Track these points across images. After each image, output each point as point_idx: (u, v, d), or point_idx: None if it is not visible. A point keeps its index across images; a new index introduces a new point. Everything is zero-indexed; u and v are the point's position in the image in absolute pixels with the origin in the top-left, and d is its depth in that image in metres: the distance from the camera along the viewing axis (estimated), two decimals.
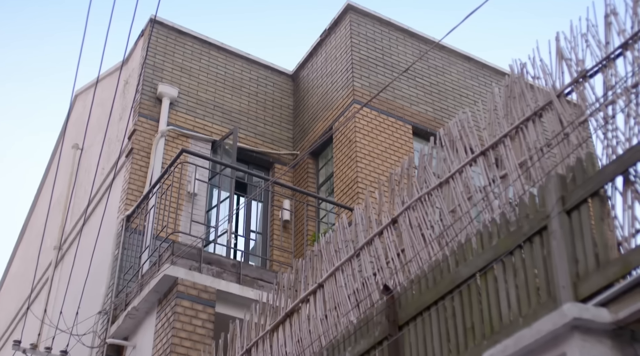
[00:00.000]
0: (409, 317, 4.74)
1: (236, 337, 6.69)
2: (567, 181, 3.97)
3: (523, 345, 3.45)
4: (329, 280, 5.71)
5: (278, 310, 6.22)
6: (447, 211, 4.86)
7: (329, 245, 5.85)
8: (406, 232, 5.10)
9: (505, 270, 4.18)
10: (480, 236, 4.43)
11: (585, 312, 3.31)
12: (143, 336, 8.85)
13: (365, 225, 5.53)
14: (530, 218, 4.11)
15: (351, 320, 5.32)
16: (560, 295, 3.71)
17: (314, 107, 11.89)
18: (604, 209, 3.76)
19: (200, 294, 8.45)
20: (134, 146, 10.74)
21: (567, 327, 3.31)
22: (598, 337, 3.33)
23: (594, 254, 3.68)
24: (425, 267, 4.79)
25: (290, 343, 5.92)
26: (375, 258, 5.30)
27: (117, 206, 10.61)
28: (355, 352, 5.08)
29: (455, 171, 4.91)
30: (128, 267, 9.72)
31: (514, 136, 4.64)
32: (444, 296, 4.53)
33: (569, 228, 3.87)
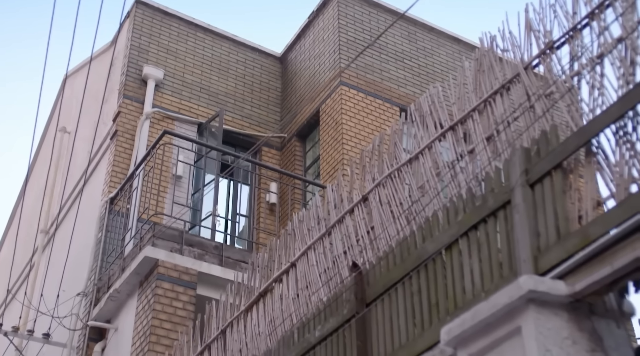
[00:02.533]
0: (377, 294, 4.67)
1: (212, 318, 6.63)
2: (531, 154, 3.89)
3: (480, 318, 3.38)
4: (302, 259, 5.64)
5: (252, 290, 6.16)
6: (415, 187, 4.78)
7: (302, 224, 5.78)
8: (376, 209, 5.03)
9: (470, 245, 4.11)
10: (446, 211, 4.36)
11: (541, 285, 3.23)
12: (125, 318, 8.79)
13: (337, 203, 5.45)
14: (495, 192, 4.03)
15: (321, 299, 5.25)
16: (521, 268, 3.63)
17: (301, 89, 11.80)
18: (566, 181, 3.68)
19: (182, 276, 8.39)
20: (119, 128, 10.66)
21: (522, 300, 3.23)
22: (554, 310, 3.25)
23: (555, 227, 3.60)
24: (394, 243, 4.72)
25: (263, 323, 5.86)
26: (346, 236, 5.23)
27: (101, 189, 10.53)
28: (324, 330, 5.01)
29: (425, 147, 4.83)
30: (111, 249, 9.66)
31: (483, 110, 4.56)
32: (410, 273, 4.46)
33: (531, 202, 3.79)
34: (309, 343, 5.12)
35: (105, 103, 11.61)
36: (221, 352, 6.34)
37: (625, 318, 3.35)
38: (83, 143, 12.10)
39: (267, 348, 5.63)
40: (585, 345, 3.21)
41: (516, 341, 3.24)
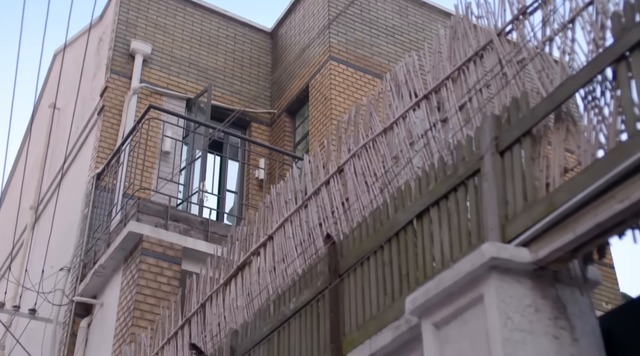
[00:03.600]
0: (350, 265, 4.62)
1: (192, 292, 6.58)
2: (501, 121, 3.82)
3: (443, 287, 3.32)
4: (279, 231, 5.59)
5: (231, 264, 6.11)
6: (389, 157, 4.71)
7: (279, 196, 5.72)
8: (351, 180, 4.96)
9: (440, 214, 4.04)
10: (418, 181, 4.29)
11: (504, 252, 3.17)
12: (110, 294, 8.76)
13: (313, 175, 5.39)
14: (466, 161, 3.96)
15: (297, 271, 5.20)
16: (488, 237, 3.57)
17: (291, 65, 11.70)
18: (535, 148, 3.61)
19: (166, 251, 8.35)
20: (106, 103, 10.58)
21: (484, 267, 3.17)
22: (517, 277, 3.19)
23: (522, 195, 3.54)
24: (367, 214, 4.66)
25: (241, 296, 5.81)
26: (322, 208, 5.17)
27: (88, 165, 10.47)
28: (298, 302, 4.96)
29: (399, 116, 4.75)
30: (98, 225, 9.61)
31: (456, 78, 4.48)
32: (382, 244, 4.40)
33: (501, 170, 3.72)
34: (284, 315, 5.08)
35: (94, 78, 11.55)
36: (200, 326, 6.30)
37: (589, 285, 3.29)
38: (71, 119, 12.03)
39: (244, 321, 5.59)
40: (548, 313, 3.16)
41: (479, 309, 3.18)
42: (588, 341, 3.16)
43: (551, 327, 3.13)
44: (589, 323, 3.22)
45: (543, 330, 3.11)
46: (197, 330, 6.33)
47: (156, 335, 7.03)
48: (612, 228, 2.98)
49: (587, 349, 3.14)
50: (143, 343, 7.22)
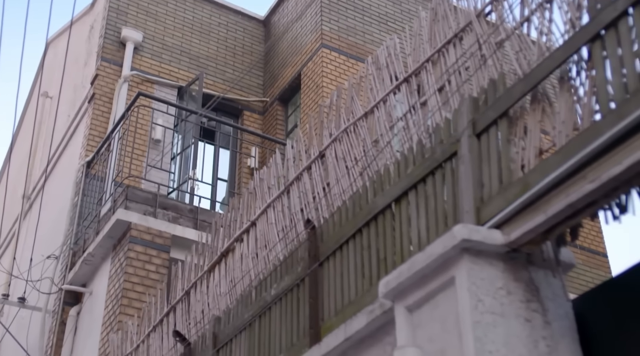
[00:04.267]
0: (329, 251, 4.57)
1: (178, 279, 6.55)
2: (479, 103, 3.77)
3: (416, 269, 3.27)
4: (261, 217, 5.54)
5: (215, 250, 6.07)
6: (370, 141, 4.66)
7: (262, 182, 5.67)
8: (332, 165, 4.91)
9: (418, 198, 3.99)
10: (397, 165, 4.24)
11: (476, 234, 3.12)
12: (99, 282, 8.73)
13: (296, 160, 5.34)
14: (443, 144, 3.91)
15: (279, 257, 5.16)
16: (464, 220, 3.52)
17: (283, 53, 11.64)
18: (512, 130, 3.55)
19: (155, 239, 8.31)
20: (96, 91, 10.52)
21: (456, 250, 3.12)
22: (490, 260, 3.14)
23: (498, 177, 3.49)
24: (347, 199, 4.61)
25: (224, 283, 5.77)
26: (303, 193, 5.12)
27: (79, 153, 10.43)
28: (279, 288, 4.92)
29: (380, 100, 4.70)
30: (87, 213, 9.57)
31: (436, 61, 4.42)
32: (362, 228, 4.35)
33: (477, 152, 3.66)
34: (265, 301, 5.04)
35: (85, 66, 11.49)
36: (185, 313, 6.26)
37: (563, 268, 3.24)
38: (64, 107, 11.98)
39: (227, 308, 5.55)
40: (520, 295, 3.11)
41: (450, 292, 3.14)
42: (560, 324, 3.12)
43: (523, 310, 3.08)
44: (562, 306, 3.18)
45: (515, 312, 3.06)
46: (182, 317, 6.30)
47: (142, 322, 6.99)
48: (583, 209, 2.93)
49: (560, 332, 3.10)
50: (129, 330, 7.18)
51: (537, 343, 3.03)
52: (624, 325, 3.00)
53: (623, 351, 2.96)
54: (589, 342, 3.10)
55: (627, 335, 2.96)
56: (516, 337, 3.00)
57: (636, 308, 2.97)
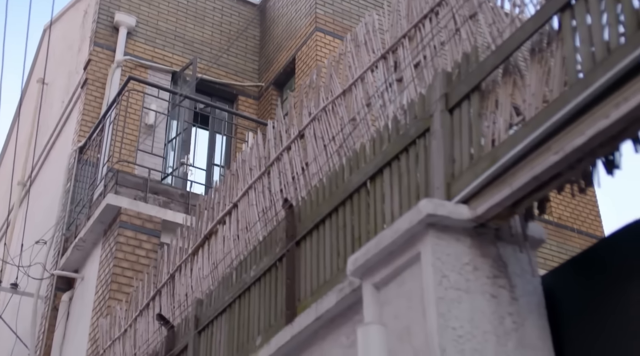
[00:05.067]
0: (306, 230, 4.51)
1: (163, 263, 6.50)
2: (452, 78, 3.69)
3: (382, 246, 3.20)
4: (243, 199, 5.48)
5: (199, 233, 6.01)
6: (347, 119, 4.59)
7: (244, 163, 5.61)
8: (311, 144, 4.84)
9: (392, 175, 3.92)
10: (372, 142, 4.17)
11: (441, 209, 3.05)
12: (90, 267, 8.70)
13: (276, 141, 5.27)
14: (417, 120, 3.84)
15: (259, 238, 5.10)
16: (434, 196, 3.45)
17: (278, 37, 11.55)
18: (484, 104, 3.47)
19: (145, 224, 8.26)
20: (89, 77, 10.46)
21: (422, 225, 3.05)
22: (456, 235, 3.07)
23: (468, 152, 3.41)
24: (324, 178, 4.54)
25: (207, 266, 5.72)
26: (283, 174, 5.05)
27: (72, 139, 10.38)
28: (258, 270, 4.86)
29: (357, 77, 4.62)
30: (80, 199, 9.52)
31: (413, 36, 4.34)
32: (338, 207, 4.28)
33: (449, 127, 3.59)
34: (244, 283, 4.98)
35: (79, 52, 11.43)
36: (170, 296, 6.22)
37: (533, 244, 3.17)
38: (59, 93, 11.94)
39: (209, 290, 5.50)
40: (487, 271, 3.04)
41: (416, 268, 3.07)
42: (528, 300, 3.05)
43: (489, 286, 3.01)
44: (531, 282, 3.11)
45: (480, 288, 2.99)
46: (167, 301, 6.25)
47: (130, 307, 6.95)
48: (549, 181, 2.85)
49: (527, 308, 3.03)
50: (118, 315, 7.15)
51: (503, 320, 2.96)
52: (593, 299, 2.93)
53: (592, 326, 2.89)
54: (557, 318, 3.03)
55: (596, 309, 2.89)
56: (481, 313, 2.94)
57: (604, 282, 2.90)
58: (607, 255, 2.93)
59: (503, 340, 2.92)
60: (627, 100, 2.53)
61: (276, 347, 3.95)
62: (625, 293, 2.79)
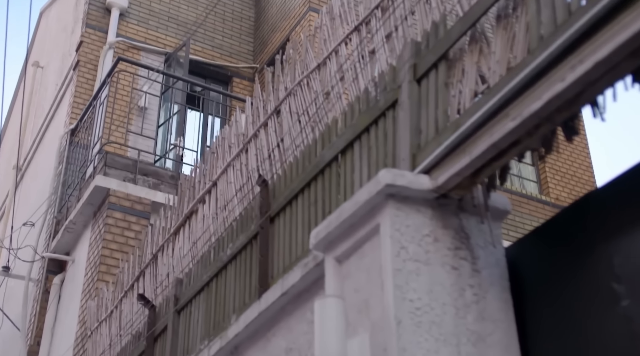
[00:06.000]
0: (280, 207, 4.43)
1: (147, 243, 6.44)
2: (421, 47, 3.59)
3: (343, 218, 3.12)
4: (222, 177, 5.40)
5: (180, 212, 5.95)
6: (321, 93, 4.50)
7: (224, 141, 5.53)
8: (286, 120, 4.76)
9: (362, 149, 3.84)
10: (344, 116, 4.09)
11: (400, 178, 2.96)
12: (81, 249, 8.65)
13: (254, 117, 5.19)
14: (387, 91, 3.75)
15: (236, 216, 5.03)
16: (400, 168, 3.36)
17: (273, 18, 11.44)
18: (451, 73, 3.38)
19: (134, 205, 8.20)
20: (81, 59, 10.39)
21: (381, 196, 2.97)
22: (417, 206, 2.99)
23: (434, 123, 3.32)
24: (298, 153, 4.47)
25: (187, 245, 5.66)
26: (260, 151, 4.98)
27: (64, 121, 10.32)
28: (234, 248, 4.80)
29: (332, 51, 4.53)
30: (71, 182, 9.47)
31: (386, 7, 4.24)
32: (310, 182, 4.21)
33: (417, 98, 3.50)
34: (221, 261, 4.92)
35: (72, 34, 11.36)
36: (153, 277, 6.16)
37: (497, 214, 3.08)
38: (54, 76, 11.88)
39: (189, 270, 5.44)
40: (448, 243, 2.95)
41: (375, 240, 2.99)
42: (490, 272, 2.97)
43: (450, 257, 2.93)
44: (494, 254, 3.02)
45: (441, 260, 2.91)
46: (150, 281, 6.20)
47: (116, 288, 6.91)
48: (507, 149, 2.76)
49: (489, 280, 2.94)
50: (105, 297, 7.10)
51: (464, 292, 2.88)
52: (555, 270, 2.84)
53: (554, 298, 2.81)
54: (520, 290, 2.95)
55: (558, 281, 2.81)
56: (440, 285, 2.86)
57: (566, 253, 2.81)
58: (569, 225, 2.84)
59: (462, 312, 2.84)
60: (582, 62, 2.44)
61: (244, 324, 3.88)
62: (585, 263, 2.70)
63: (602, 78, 2.44)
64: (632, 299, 2.49)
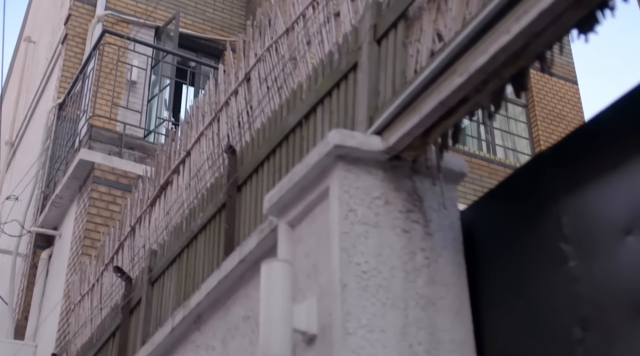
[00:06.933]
0: (247, 175, 4.35)
1: (126, 216, 6.37)
2: (382, 7, 3.49)
3: (295, 181, 3.03)
4: (195, 147, 5.32)
5: (157, 183, 5.87)
6: (289, 59, 4.40)
7: (198, 110, 5.44)
8: (255, 86, 4.66)
9: (324, 113, 3.75)
10: (308, 80, 3.99)
11: (350, 139, 2.87)
12: (67, 224, 8.60)
13: (226, 85, 5.09)
14: (349, 53, 3.65)
15: (207, 186, 4.95)
16: (358, 130, 3.27)
17: None
18: (409, 32, 3.27)
19: (119, 179, 8.14)
20: (69, 32, 10.28)
21: (330, 157, 2.87)
22: (368, 168, 2.89)
23: (392, 83, 3.22)
24: (266, 120, 4.38)
25: (162, 216, 5.58)
26: (230, 119, 4.88)
27: (52, 95, 10.24)
28: (204, 217, 4.72)
29: (300, 14, 4.42)
30: (58, 156, 9.41)
31: None
32: (275, 149, 4.12)
33: (376, 59, 3.40)
34: (192, 232, 4.85)
35: (62, 8, 11.25)
36: (131, 249, 6.10)
37: (453, 176, 2.99)
38: (44, 51, 11.79)
39: (163, 241, 5.37)
40: (399, 205, 2.86)
41: (325, 203, 2.90)
42: (443, 235, 2.88)
43: (401, 220, 2.84)
44: (448, 217, 2.93)
45: (391, 223, 2.82)
46: (129, 254, 6.14)
47: (98, 261, 6.85)
48: (457, 106, 2.66)
49: (442, 243, 2.85)
50: (87, 270, 7.05)
51: (414, 255, 2.80)
52: (509, 232, 2.76)
53: (508, 260, 2.72)
54: (474, 253, 2.86)
55: (511, 243, 2.72)
56: (390, 249, 2.77)
57: (519, 214, 2.72)
58: (522, 185, 2.75)
59: (412, 276, 2.75)
60: (527, 13, 2.33)
61: (205, 292, 3.81)
62: (536, 224, 2.61)
63: (547, 29, 2.33)
64: (579, 260, 2.40)
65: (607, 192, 2.38)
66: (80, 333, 6.75)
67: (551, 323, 2.45)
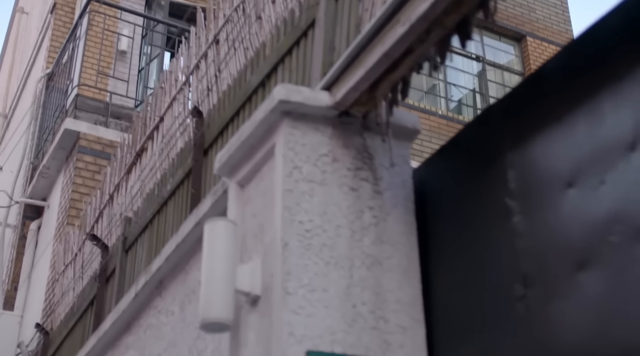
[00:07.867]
0: (213, 138, 4.26)
1: (105, 184, 6.30)
2: None
3: (243, 139, 2.93)
4: (168, 112, 5.22)
5: (133, 150, 5.79)
6: (254, 18, 4.28)
7: (171, 74, 5.34)
8: (223, 48, 4.56)
9: (284, 72, 3.65)
10: (271, 39, 3.88)
11: (295, 94, 2.76)
12: (55, 195, 8.55)
13: (196, 49, 4.98)
14: (308, 10, 3.54)
15: (177, 151, 4.86)
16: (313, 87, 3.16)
17: None
18: None
19: (105, 149, 8.06)
20: (58, 1, 10.16)
21: (276, 113, 2.77)
22: (315, 125, 2.79)
23: (347, 38, 3.11)
24: (232, 82, 4.28)
25: (137, 184, 5.51)
26: (200, 82, 4.78)
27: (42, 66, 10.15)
28: (174, 183, 4.64)
29: None
30: (46, 126, 9.33)
31: None
32: (239, 110, 4.03)
33: (333, 14, 3.29)
34: (162, 197, 4.77)
35: None
36: (110, 218, 6.03)
37: (405, 133, 2.88)
38: (36, 22, 11.67)
39: (137, 208, 5.30)
40: (348, 163, 2.76)
41: (272, 162, 2.80)
42: (394, 193, 2.78)
43: (349, 178, 2.74)
44: (400, 175, 2.83)
45: (338, 181, 2.72)
46: (108, 222, 6.07)
47: (80, 231, 6.79)
48: (402, 58, 2.55)
49: (391, 202, 2.76)
50: (71, 240, 6.99)
51: (362, 214, 2.70)
52: (458, 189, 2.66)
53: (456, 217, 2.63)
54: (426, 212, 2.76)
55: (460, 199, 2.62)
56: (336, 207, 2.67)
57: (469, 169, 2.62)
58: (472, 141, 2.65)
59: (359, 235, 2.66)
60: None
61: (165, 257, 3.73)
62: (484, 179, 2.52)
63: None
64: (523, 215, 2.30)
65: (551, 145, 2.27)
66: (63, 302, 6.71)
67: (495, 280, 2.36)
